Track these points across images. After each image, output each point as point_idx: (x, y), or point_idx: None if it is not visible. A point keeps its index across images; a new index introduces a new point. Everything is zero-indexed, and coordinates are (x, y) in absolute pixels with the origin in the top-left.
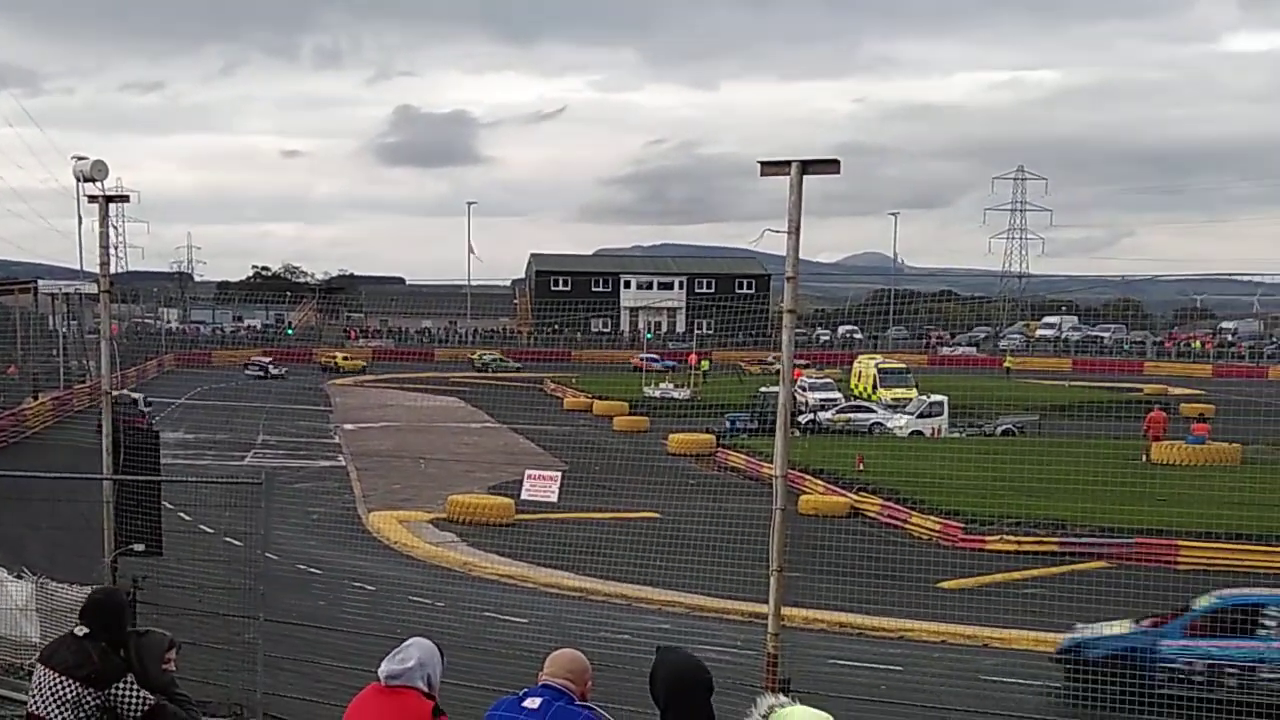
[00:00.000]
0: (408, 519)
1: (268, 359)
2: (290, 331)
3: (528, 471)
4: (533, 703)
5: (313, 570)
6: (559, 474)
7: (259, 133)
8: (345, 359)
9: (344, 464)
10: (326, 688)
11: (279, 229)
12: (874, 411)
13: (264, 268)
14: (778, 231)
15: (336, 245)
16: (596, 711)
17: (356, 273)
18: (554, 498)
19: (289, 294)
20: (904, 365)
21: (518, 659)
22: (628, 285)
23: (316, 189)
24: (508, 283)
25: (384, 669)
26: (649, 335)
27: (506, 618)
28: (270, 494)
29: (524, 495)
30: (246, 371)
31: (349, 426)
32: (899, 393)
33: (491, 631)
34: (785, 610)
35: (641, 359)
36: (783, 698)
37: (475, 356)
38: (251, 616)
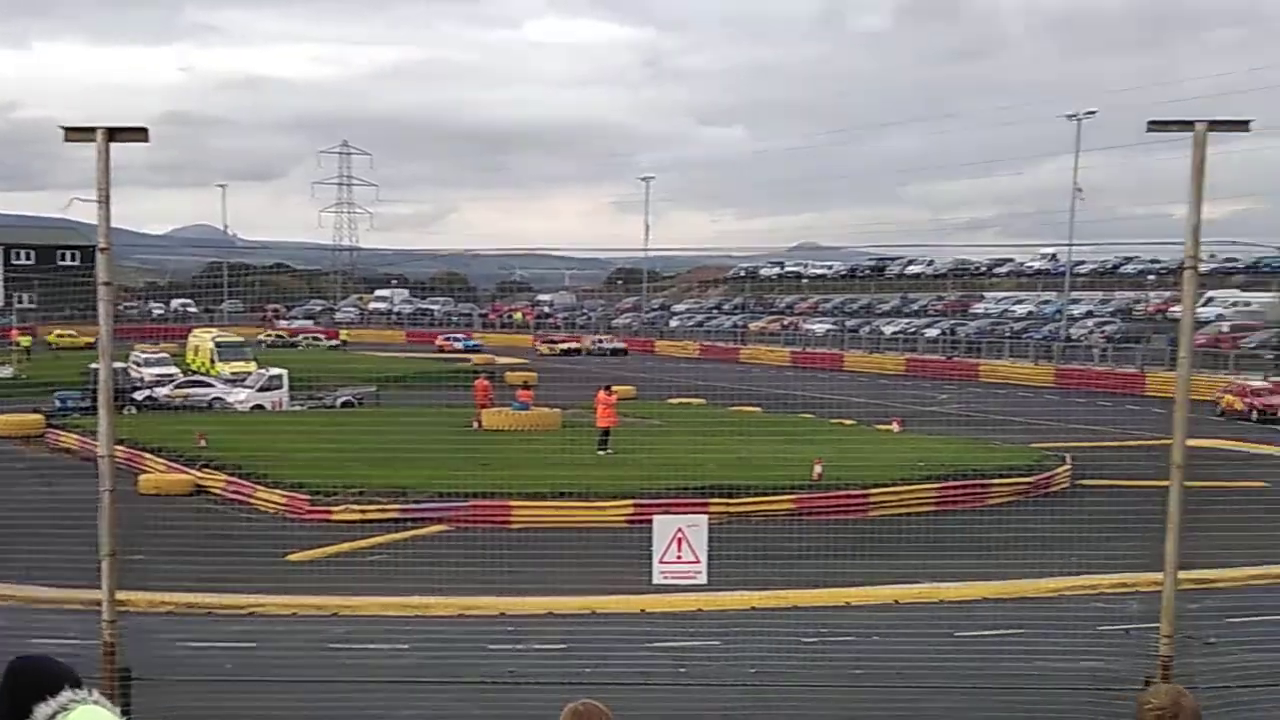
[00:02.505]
0: None
1: None
2: None
3: None
4: None
5: None
6: None
7: None
8: None
9: None
10: None
11: None
12: (213, 386)
13: None
14: (87, 201)
15: None
16: None
17: None
18: None
19: None
20: (242, 338)
21: None
22: None
23: None
24: None
25: None
26: None
27: None
28: None
29: None
30: None
31: None
32: (238, 366)
33: None
34: (127, 595)
35: None
36: (81, 694)
37: None
38: None
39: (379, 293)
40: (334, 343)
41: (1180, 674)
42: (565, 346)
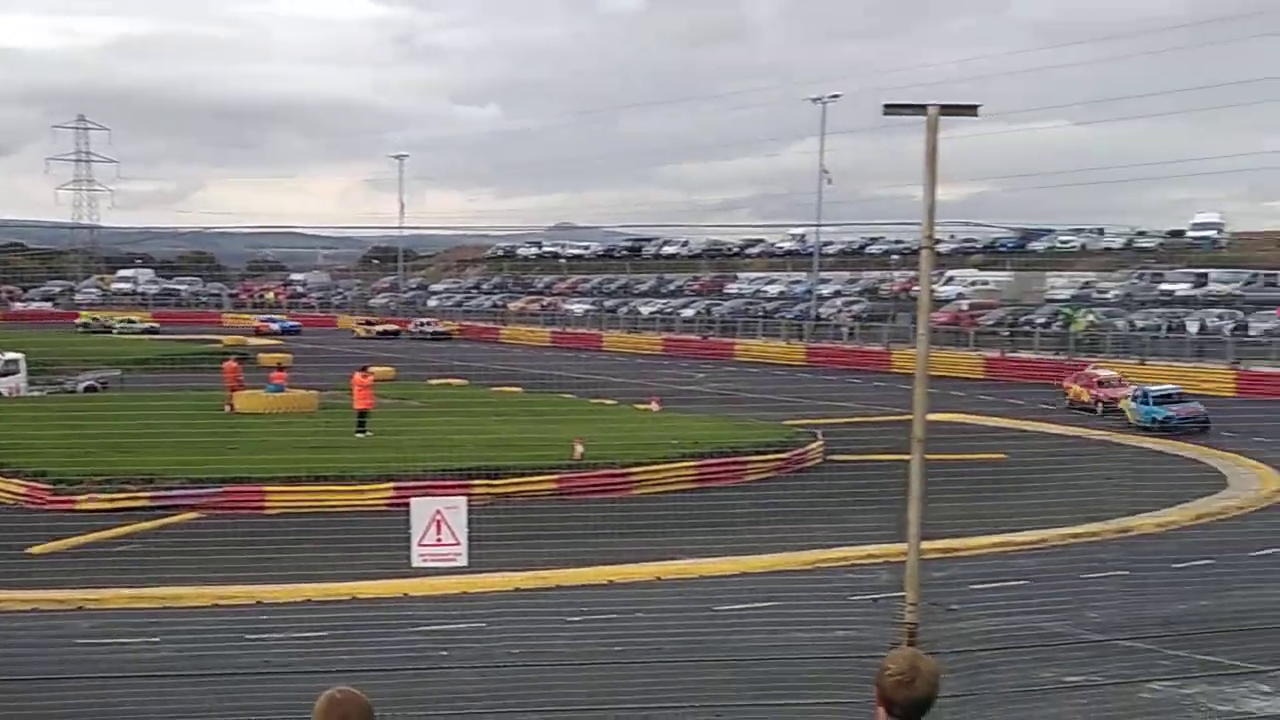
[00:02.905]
0: None
1: None
2: None
3: None
4: None
5: None
6: None
7: None
8: None
9: None
10: None
11: None
12: None
13: None
14: None
15: None
16: None
17: None
18: None
19: None
20: None
21: None
22: None
23: None
24: None
25: None
26: None
27: None
28: None
29: None
30: None
31: None
32: None
33: None
34: None
35: None
36: None
37: None
38: None
39: (122, 273)
40: (150, 325)
41: (925, 640)
42: (383, 328)
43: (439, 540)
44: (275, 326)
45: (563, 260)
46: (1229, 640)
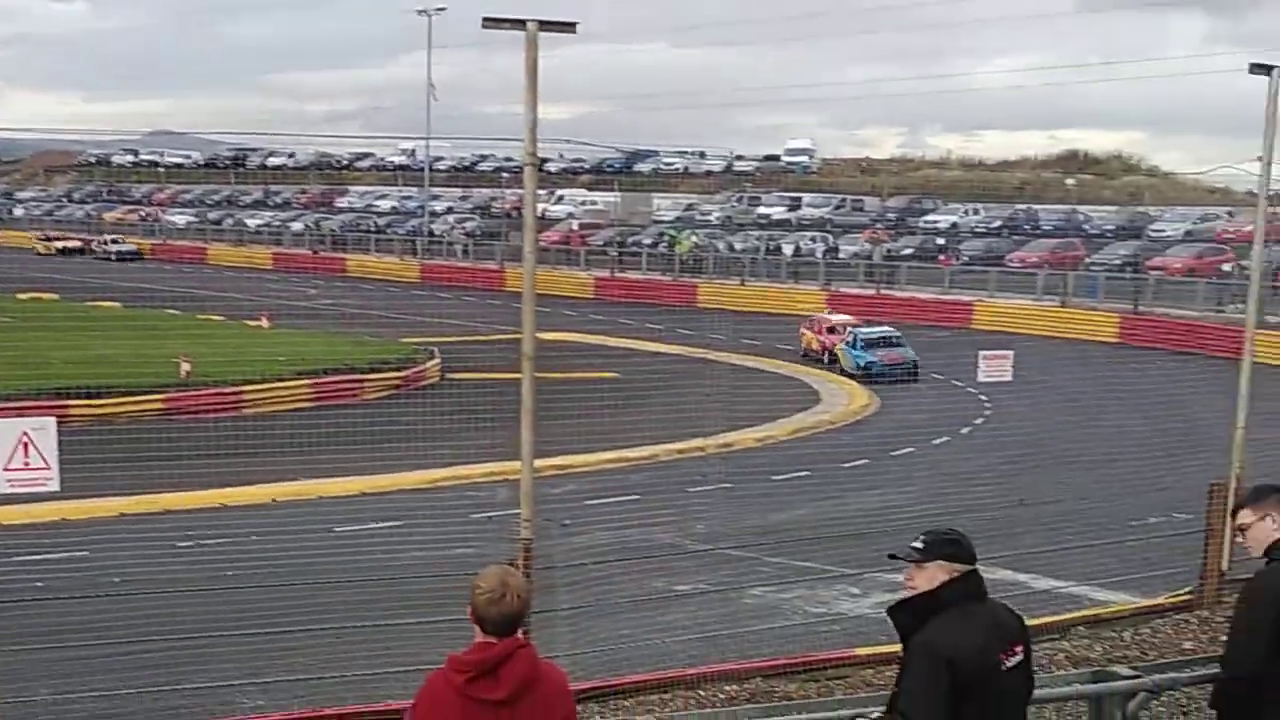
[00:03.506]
0: None
1: None
2: None
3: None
4: None
5: None
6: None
7: None
8: None
9: None
10: None
11: None
12: None
13: None
14: None
15: None
16: None
17: None
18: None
19: None
20: None
21: None
22: None
23: None
24: None
25: None
26: None
27: None
28: None
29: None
30: None
31: None
32: None
33: None
34: None
35: None
36: None
37: None
38: None
39: None
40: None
41: (540, 555)
42: (63, 245)
43: (27, 464)
44: None
45: (162, 169)
46: (822, 546)
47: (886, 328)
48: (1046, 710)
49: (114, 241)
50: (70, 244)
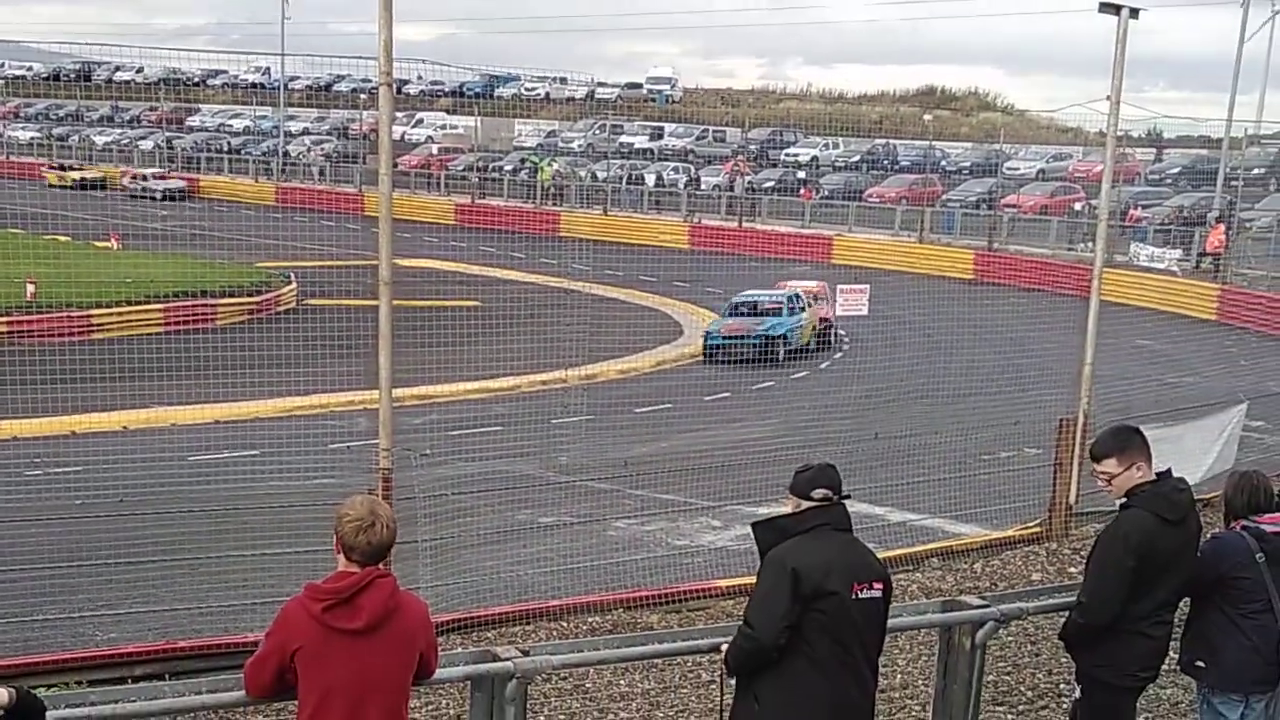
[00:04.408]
0: None
1: None
2: None
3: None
4: None
5: None
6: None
7: None
8: None
9: None
10: None
11: None
12: None
13: None
14: None
15: None
16: None
17: None
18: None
19: None
20: None
21: None
22: None
23: None
24: None
25: None
26: None
27: None
28: None
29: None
30: None
31: None
32: None
33: None
34: None
35: None
36: None
37: None
38: None
39: None
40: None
41: (401, 486)
42: (81, 176)
43: None
44: None
45: (2, 80)
46: (685, 479)
47: (776, 293)
48: (900, 639)
49: (148, 177)
50: (89, 176)
